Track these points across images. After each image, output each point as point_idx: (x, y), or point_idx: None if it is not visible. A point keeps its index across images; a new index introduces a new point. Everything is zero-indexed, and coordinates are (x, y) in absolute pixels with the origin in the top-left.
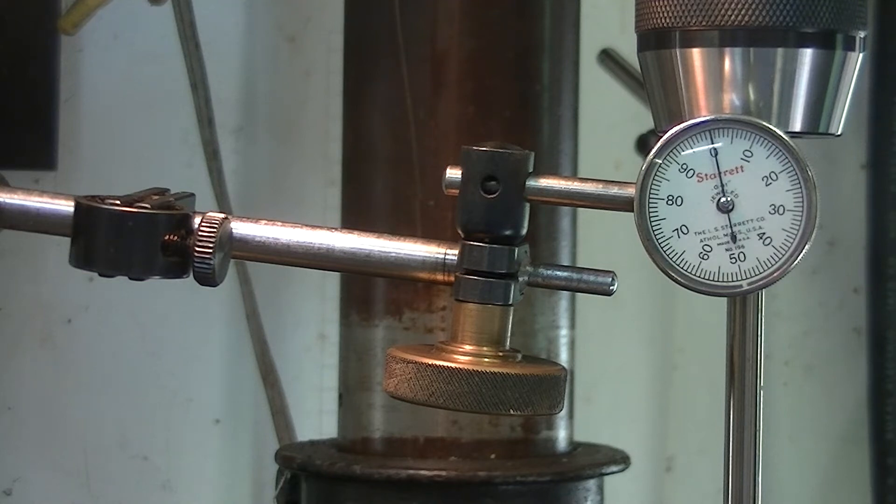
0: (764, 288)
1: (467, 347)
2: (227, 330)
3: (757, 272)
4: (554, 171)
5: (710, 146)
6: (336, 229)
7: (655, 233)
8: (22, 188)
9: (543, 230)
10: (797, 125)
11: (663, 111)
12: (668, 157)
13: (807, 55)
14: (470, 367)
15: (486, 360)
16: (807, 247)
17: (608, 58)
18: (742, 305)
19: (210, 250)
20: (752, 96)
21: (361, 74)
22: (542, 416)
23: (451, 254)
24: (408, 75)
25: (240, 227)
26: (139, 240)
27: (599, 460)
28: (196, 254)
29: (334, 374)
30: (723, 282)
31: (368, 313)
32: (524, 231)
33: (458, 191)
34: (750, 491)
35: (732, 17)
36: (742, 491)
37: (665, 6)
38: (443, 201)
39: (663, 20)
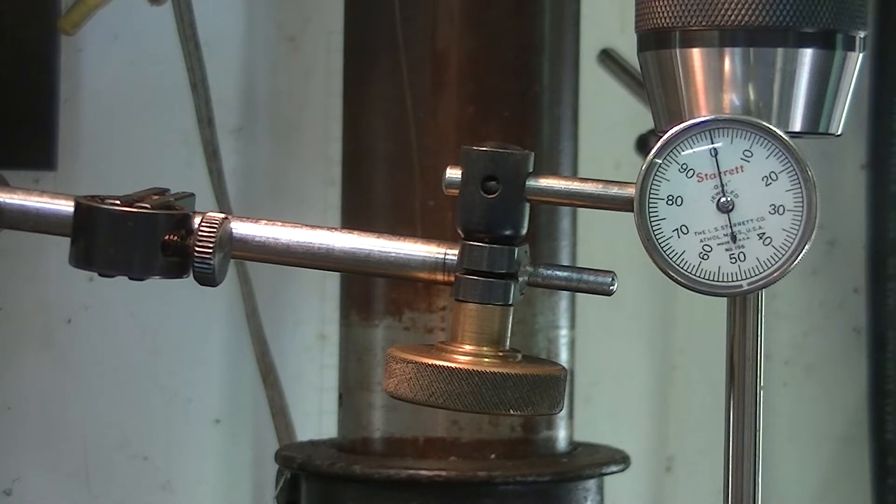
0: (764, 288)
1: (467, 347)
2: (227, 330)
3: (757, 272)
4: (554, 171)
5: (710, 146)
6: (336, 229)
7: (655, 233)
8: (22, 188)
9: (543, 230)
10: (797, 125)
11: (663, 111)
12: (668, 157)
13: (807, 55)
14: (470, 367)
15: (486, 360)
16: (807, 247)
17: (608, 58)
18: (742, 305)
19: (210, 250)
20: (752, 96)
21: (361, 74)
22: (542, 416)
23: (451, 254)
24: (408, 75)
25: (240, 227)
26: (139, 240)
27: (599, 460)
28: (196, 254)
29: (334, 374)
30: (723, 282)
31: (368, 313)
32: (524, 231)
33: (458, 191)
34: (750, 491)
35: (732, 17)
36: (742, 491)
37: (665, 6)
38: (443, 201)
39: (663, 20)
